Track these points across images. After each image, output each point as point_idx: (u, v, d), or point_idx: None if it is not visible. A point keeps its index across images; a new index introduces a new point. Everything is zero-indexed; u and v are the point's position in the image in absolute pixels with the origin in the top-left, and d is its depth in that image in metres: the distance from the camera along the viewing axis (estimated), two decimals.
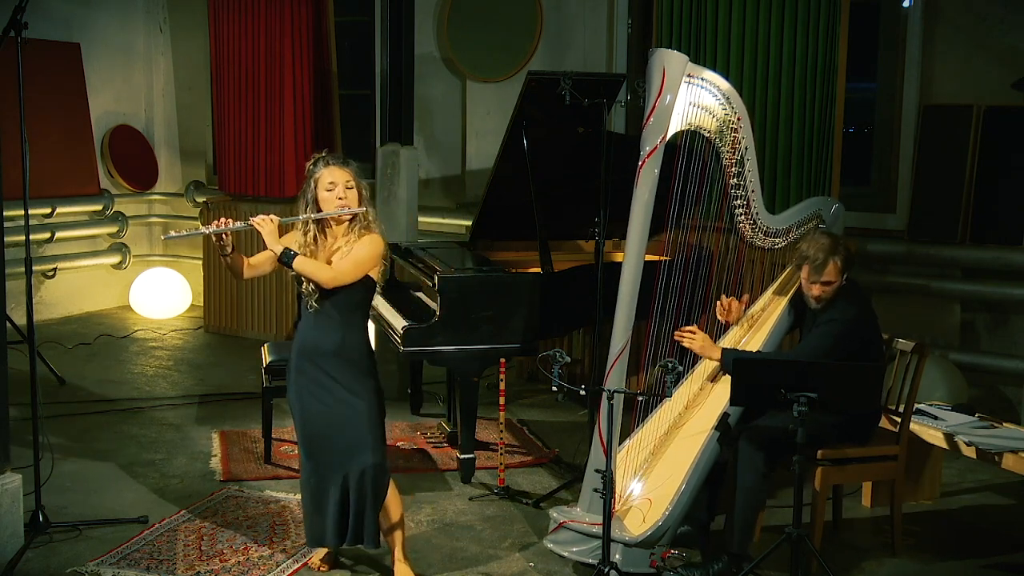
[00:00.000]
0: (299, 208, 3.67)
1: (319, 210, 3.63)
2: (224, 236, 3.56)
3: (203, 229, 3.64)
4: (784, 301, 4.40)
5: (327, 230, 3.68)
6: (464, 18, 7.61)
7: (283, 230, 3.68)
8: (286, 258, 3.56)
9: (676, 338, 4.15)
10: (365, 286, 3.66)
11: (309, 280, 3.59)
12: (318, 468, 3.69)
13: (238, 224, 3.60)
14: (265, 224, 3.57)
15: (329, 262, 3.62)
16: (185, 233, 3.63)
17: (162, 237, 3.80)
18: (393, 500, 3.77)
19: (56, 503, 4.47)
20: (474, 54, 7.62)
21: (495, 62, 7.53)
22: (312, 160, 3.72)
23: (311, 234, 3.65)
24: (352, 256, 3.60)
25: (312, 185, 3.65)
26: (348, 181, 3.63)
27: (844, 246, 4.08)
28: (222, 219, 3.63)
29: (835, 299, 4.08)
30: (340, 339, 3.63)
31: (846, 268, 4.06)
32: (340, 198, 3.61)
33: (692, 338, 4.14)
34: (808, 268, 4.07)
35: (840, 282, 4.06)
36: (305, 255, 3.61)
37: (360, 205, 3.64)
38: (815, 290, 4.08)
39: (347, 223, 3.66)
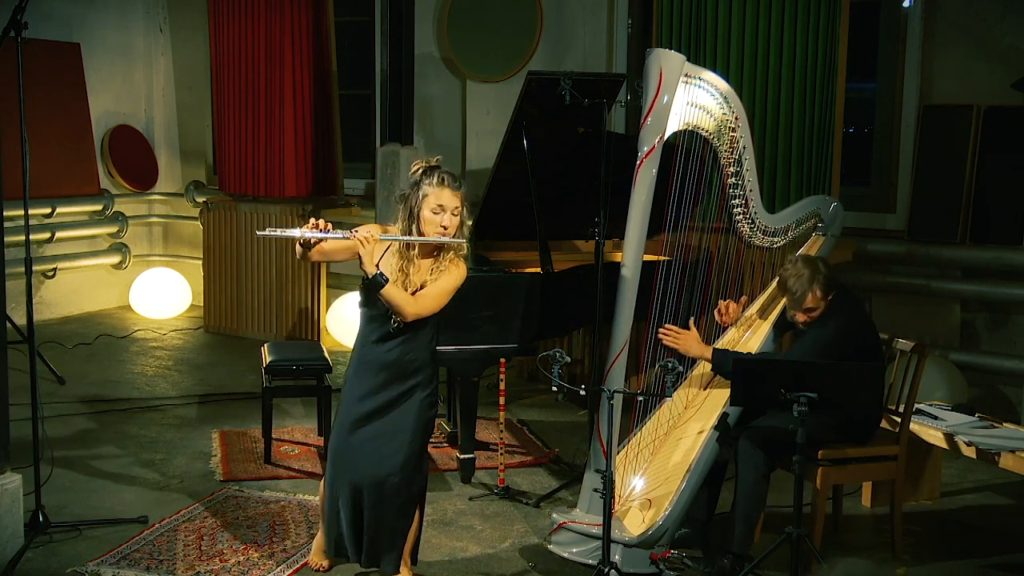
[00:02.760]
0: (397, 211, 3.55)
1: (418, 222, 3.49)
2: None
3: (300, 231, 3.41)
4: (779, 306, 4.39)
5: (419, 250, 3.57)
6: (464, 18, 7.61)
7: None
8: (375, 284, 3.41)
9: (660, 336, 4.13)
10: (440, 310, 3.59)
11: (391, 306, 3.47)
12: (339, 475, 3.58)
13: (337, 233, 3.42)
14: (367, 244, 3.39)
15: (419, 286, 3.53)
16: (279, 232, 3.43)
17: (257, 233, 3.58)
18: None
19: (56, 503, 4.47)
20: (474, 54, 7.61)
21: (495, 62, 7.53)
22: (424, 165, 3.54)
23: (415, 250, 3.53)
24: (436, 289, 3.52)
25: (419, 197, 3.48)
26: (456, 208, 3.48)
27: (823, 272, 4.03)
28: (321, 221, 3.44)
29: (826, 311, 4.07)
30: (403, 354, 3.53)
31: (827, 293, 4.03)
32: (444, 226, 3.48)
33: (676, 338, 4.12)
34: (788, 300, 4.08)
35: (824, 305, 4.05)
36: (394, 275, 3.52)
37: (459, 233, 3.52)
38: (800, 317, 4.09)
39: (447, 250, 3.55)
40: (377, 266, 3.46)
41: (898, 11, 6.46)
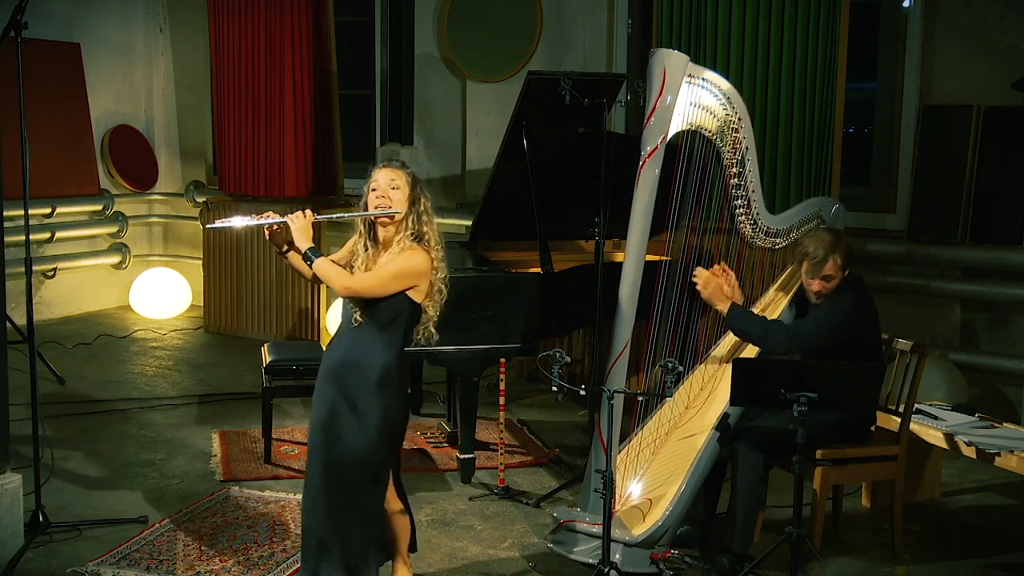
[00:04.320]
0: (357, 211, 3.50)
1: (367, 210, 3.44)
2: (274, 231, 3.41)
3: (243, 220, 3.44)
4: (787, 298, 4.39)
5: (379, 236, 3.46)
6: (464, 18, 7.61)
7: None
8: (306, 258, 3.39)
9: (693, 279, 4.17)
10: (406, 308, 3.40)
11: (327, 284, 3.41)
12: (309, 485, 3.46)
13: (275, 217, 3.42)
14: (296, 220, 3.38)
15: None
16: (227, 223, 3.48)
17: (206, 226, 3.59)
18: (399, 514, 3.61)
19: (56, 503, 4.47)
20: (474, 54, 7.61)
21: (495, 62, 7.53)
22: None
23: (362, 237, 3.45)
24: (379, 269, 3.39)
25: (365, 189, 3.46)
26: (392, 180, 3.39)
27: (846, 243, 4.09)
28: (268, 212, 3.46)
29: (839, 289, 4.10)
30: (363, 354, 3.39)
31: (846, 264, 4.07)
32: (381, 197, 3.40)
33: (706, 282, 4.17)
34: (808, 264, 4.10)
35: (840, 278, 4.08)
36: (349, 261, 3.45)
37: (410, 210, 3.40)
38: (815, 285, 4.11)
39: (396, 231, 3.42)
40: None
41: (898, 11, 6.46)
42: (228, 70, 8.20)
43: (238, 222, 3.47)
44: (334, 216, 3.60)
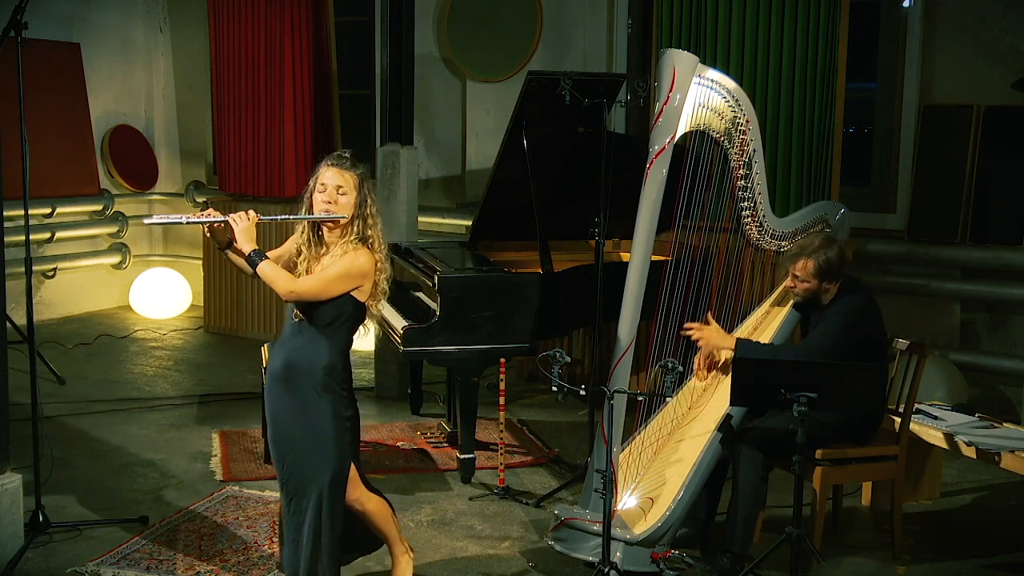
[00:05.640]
0: (301, 206, 3.45)
1: (311, 209, 3.39)
2: (215, 228, 3.37)
3: (183, 218, 3.38)
4: (791, 301, 4.39)
5: (323, 236, 3.43)
6: (464, 18, 7.61)
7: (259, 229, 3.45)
8: (250, 261, 3.36)
9: (683, 333, 4.17)
10: (348, 307, 3.38)
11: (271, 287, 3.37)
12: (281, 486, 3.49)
13: (216, 217, 3.37)
14: (240, 221, 3.34)
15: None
16: (166, 220, 3.40)
17: (144, 221, 3.55)
18: (381, 514, 3.59)
19: (56, 503, 4.47)
20: (474, 54, 7.62)
21: (495, 62, 7.53)
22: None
23: (305, 235, 3.43)
24: (324, 272, 3.36)
25: (311, 183, 3.41)
26: (340, 187, 3.34)
27: (831, 255, 4.05)
28: (210, 210, 3.42)
29: (840, 294, 4.11)
30: (306, 354, 3.37)
31: (821, 273, 4.05)
32: (328, 202, 3.35)
33: (699, 332, 4.18)
34: (785, 255, 4.16)
35: (815, 286, 4.09)
36: (290, 258, 3.43)
37: (357, 213, 3.37)
38: (788, 281, 4.15)
39: (340, 232, 3.39)
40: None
41: (898, 11, 6.47)
42: (228, 70, 8.21)
43: (180, 220, 3.38)
44: (278, 218, 3.53)
